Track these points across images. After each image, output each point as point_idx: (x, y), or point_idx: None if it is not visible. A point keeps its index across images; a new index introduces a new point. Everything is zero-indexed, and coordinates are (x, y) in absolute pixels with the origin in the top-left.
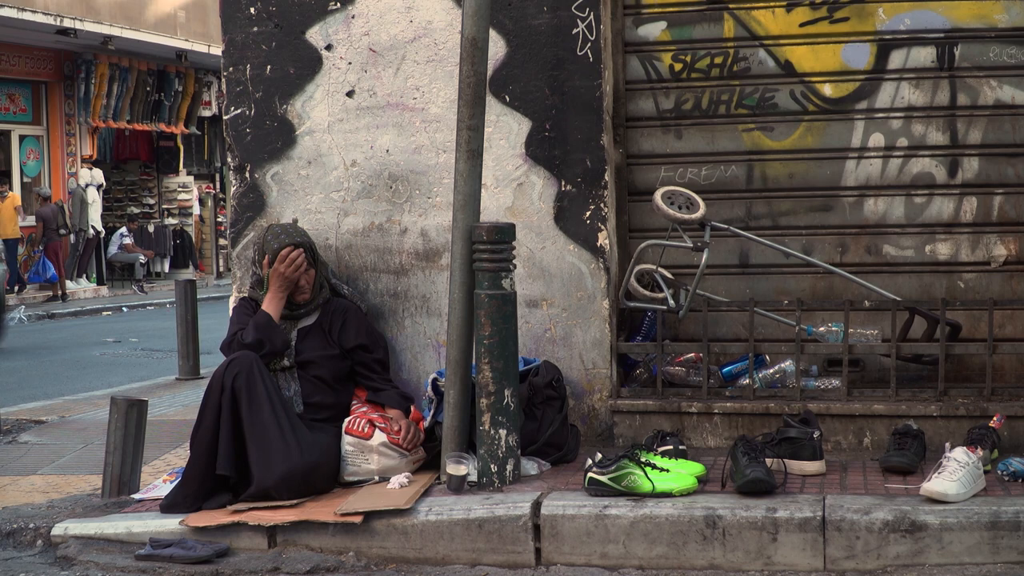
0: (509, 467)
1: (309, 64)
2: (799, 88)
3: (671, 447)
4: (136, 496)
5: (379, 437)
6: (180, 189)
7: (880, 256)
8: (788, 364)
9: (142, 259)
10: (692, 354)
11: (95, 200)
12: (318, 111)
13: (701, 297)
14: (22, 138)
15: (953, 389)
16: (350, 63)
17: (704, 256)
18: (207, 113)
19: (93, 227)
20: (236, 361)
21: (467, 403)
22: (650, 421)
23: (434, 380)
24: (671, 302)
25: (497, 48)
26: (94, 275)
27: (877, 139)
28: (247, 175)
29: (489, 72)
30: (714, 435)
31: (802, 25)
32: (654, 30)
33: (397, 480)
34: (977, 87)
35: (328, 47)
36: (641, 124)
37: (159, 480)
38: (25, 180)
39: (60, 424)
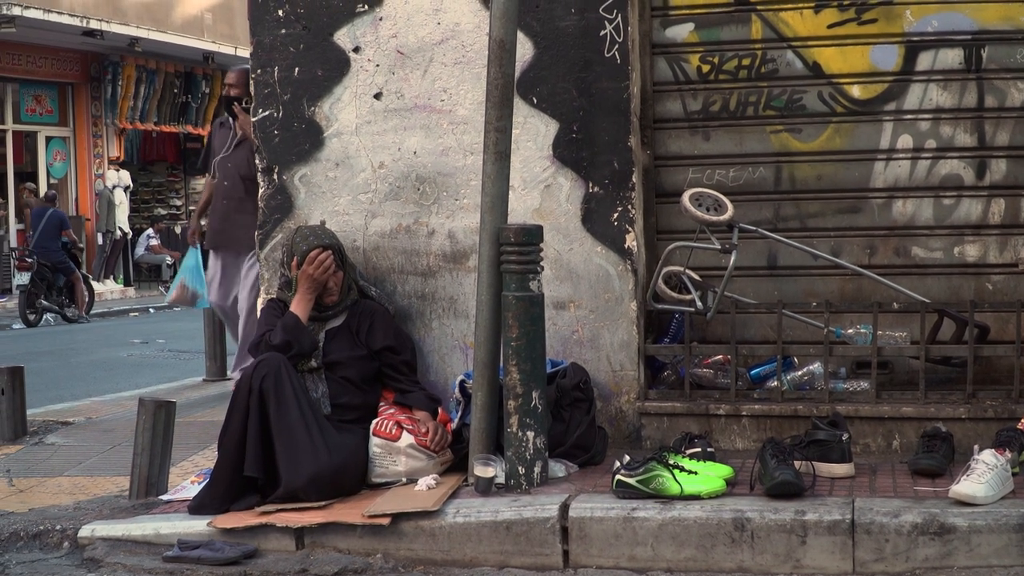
0: (537, 469)
1: (337, 66)
2: (827, 90)
3: (699, 449)
4: (164, 497)
5: (407, 439)
6: None
7: (909, 258)
8: (816, 366)
9: (169, 260)
10: (720, 356)
11: (122, 202)
12: (346, 113)
13: (729, 299)
14: (48, 139)
15: (981, 391)
16: (378, 65)
17: (732, 258)
18: None
19: (120, 228)
20: (264, 362)
21: (495, 405)
22: (678, 423)
23: (462, 382)
24: (699, 304)
25: (525, 50)
26: (121, 276)
27: (905, 141)
28: (275, 177)
29: (517, 74)
30: (742, 437)
31: (830, 27)
32: (682, 32)
33: (425, 482)
34: (1005, 89)
35: (356, 49)
36: (669, 126)
37: (187, 481)
38: (51, 181)
39: (87, 425)
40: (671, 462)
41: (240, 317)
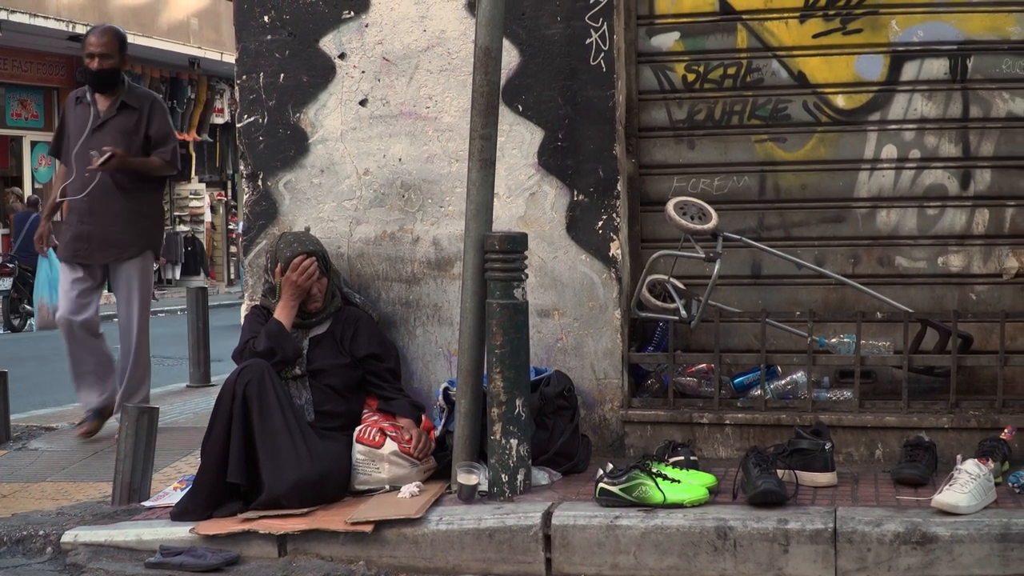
0: (520, 477)
1: (322, 73)
2: (812, 99)
3: (682, 458)
4: (146, 503)
5: (390, 446)
6: (192, 196)
7: (892, 268)
8: (800, 375)
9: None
10: (704, 365)
11: None
12: (331, 120)
13: (713, 308)
14: (34, 144)
15: (964, 401)
16: (363, 72)
17: (716, 267)
18: (219, 120)
19: None
20: (247, 369)
21: (478, 412)
22: (661, 431)
23: (445, 389)
24: (683, 312)
25: (510, 58)
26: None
27: (890, 151)
28: (260, 183)
29: (502, 82)
30: (725, 446)
31: (815, 36)
32: (667, 40)
33: (408, 489)
34: (989, 99)
35: (341, 56)
36: (654, 134)
37: (170, 488)
38: (37, 186)
39: (71, 431)
40: (654, 470)
41: (121, 333)
